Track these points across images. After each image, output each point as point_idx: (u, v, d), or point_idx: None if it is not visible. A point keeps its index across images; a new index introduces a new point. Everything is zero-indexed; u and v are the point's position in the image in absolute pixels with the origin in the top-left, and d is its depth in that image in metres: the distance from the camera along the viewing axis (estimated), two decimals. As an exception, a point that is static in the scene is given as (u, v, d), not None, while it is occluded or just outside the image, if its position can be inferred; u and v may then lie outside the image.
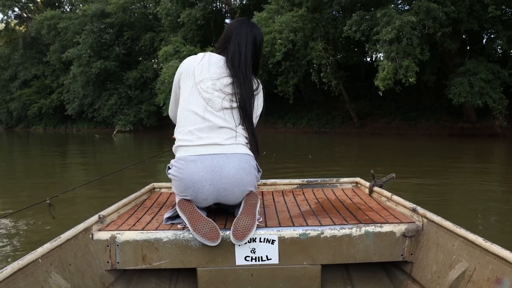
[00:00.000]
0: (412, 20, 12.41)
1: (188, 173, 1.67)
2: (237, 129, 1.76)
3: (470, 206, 4.19)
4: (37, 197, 3.04)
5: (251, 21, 1.91)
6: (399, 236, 1.67)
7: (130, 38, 26.29)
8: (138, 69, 25.92)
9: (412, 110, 18.67)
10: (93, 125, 30.49)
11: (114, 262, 1.64)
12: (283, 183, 2.62)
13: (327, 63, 16.75)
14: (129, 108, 26.07)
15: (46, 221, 3.75)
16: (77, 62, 25.87)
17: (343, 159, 8.66)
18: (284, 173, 6.57)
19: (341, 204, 2.11)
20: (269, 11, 16.89)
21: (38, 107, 32.19)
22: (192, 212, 1.65)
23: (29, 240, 3.31)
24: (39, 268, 1.33)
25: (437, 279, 1.51)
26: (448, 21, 13.48)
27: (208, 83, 1.73)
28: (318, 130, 20.57)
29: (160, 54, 20.59)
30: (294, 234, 1.63)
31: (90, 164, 9.32)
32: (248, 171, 1.73)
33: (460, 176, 6.22)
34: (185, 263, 1.62)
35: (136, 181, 5.92)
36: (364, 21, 14.03)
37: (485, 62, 14.55)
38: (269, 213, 1.94)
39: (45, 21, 28.30)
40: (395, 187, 4.37)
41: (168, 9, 21.54)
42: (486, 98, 13.66)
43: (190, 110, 1.73)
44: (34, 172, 7.69)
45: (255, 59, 1.86)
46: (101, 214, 1.78)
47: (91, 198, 4.95)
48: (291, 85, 18.64)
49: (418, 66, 13.41)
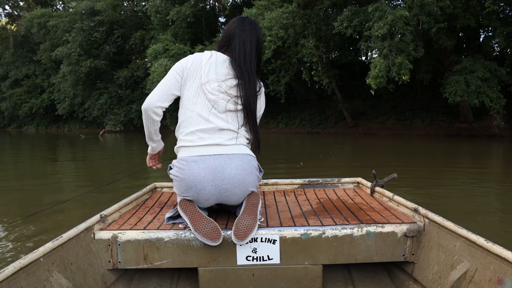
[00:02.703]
0: (405, 14, 11.84)
1: (190, 173, 1.67)
2: (239, 131, 1.77)
3: (469, 208, 4.03)
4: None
5: (252, 19, 1.89)
6: (400, 236, 1.66)
7: (121, 37, 25.72)
8: (129, 68, 25.36)
9: (407, 110, 18.22)
10: (85, 125, 30.10)
11: (115, 261, 1.64)
12: (285, 183, 2.61)
13: (318, 61, 16.18)
14: (119, 108, 25.60)
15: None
16: (66, 61, 25.34)
17: (337, 162, 8.15)
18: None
19: (342, 204, 2.10)
20: (259, 7, 16.35)
21: (28, 106, 31.78)
22: (193, 212, 1.65)
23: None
24: (40, 267, 1.33)
25: (438, 280, 1.51)
26: (443, 17, 12.98)
27: (214, 84, 1.72)
28: (311, 130, 20.20)
29: (148, 53, 20.04)
30: (296, 234, 1.63)
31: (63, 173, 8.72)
32: (249, 172, 1.73)
33: (457, 177, 5.96)
34: (186, 263, 1.62)
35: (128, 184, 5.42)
36: (356, 16, 13.46)
37: (482, 60, 14.10)
38: (270, 213, 1.94)
39: (35, 19, 27.74)
40: (393, 190, 4.18)
41: (157, 6, 20.99)
42: (483, 97, 13.24)
43: (194, 111, 1.73)
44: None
45: (258, 58, 1.85)
46: (103, 214, 1.78)
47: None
48: (283, 84, 18.21)
49: (412, 64, 12.91)
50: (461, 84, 13.26)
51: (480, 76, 13.22)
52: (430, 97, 17.76)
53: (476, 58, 14.06)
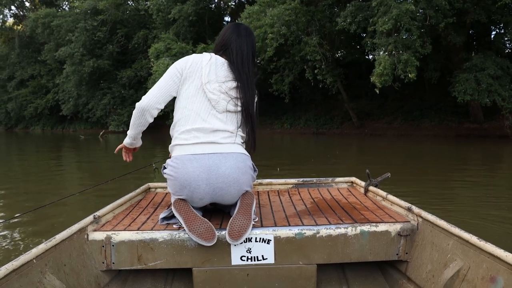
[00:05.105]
0: (411, 9, 11.29)
1: (184, 172, 1.66)
2: (236, 131, 1.77)
3: (481, 213, 3.80)
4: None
5: (247, 26, 1.94)
6: (394, 235, 1.66)
7: (124, 36, 25.44)
8: (133, 67, 25.05)
9: (415, 110, 17.62)
10: (90, 125, 29.88)
11: (109, 262, 1.63)
12: (279, 183, 2.60)
13: (322, 59, 15.66)
14: (122, 108, 25.31)
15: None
16: (69, 60, 25.17)
17: (342, 164, 7.73)
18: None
19: (336, 204, 2.10)
20: (261, 4, 15.91)
21: (34, 107, 31.71)
22: (187, 212, 1.65)
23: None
24: (33, 268, 1.32)
25: (432, 278, 1.51)
26: (452, 11, 12.40)
27: (215, 85, 1.73)
28: (317, 130, 19.74)
29: (150, 52, 19.73)
30: (290, 233, 1.63)
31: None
32: (244, 171, 1.73)
33: (467, 181, 5.69)
34: (180, 263, 1.62)
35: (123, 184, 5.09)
36: (360, 11, 12.93)
37: (494, 57, 13.54)
38: (264, 213, 1.93)
39: (40, 19, 27.61)
40: (400, 194, 4.07)
41: (160, 4, 20.68)
42: (495, 96, 12.74)
43: (192, 110, 1.72)
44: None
45: (253, 64, 1.87)
46: (96, 215, 1.77)
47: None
48: (287, 83, 17.78)
49: (419, 61, 12.38)
50: (471, 82, 12.74)
51: (491, 74, 12.71)
52: (439, 96, 17.12)
53: (487, 55, 13.50)
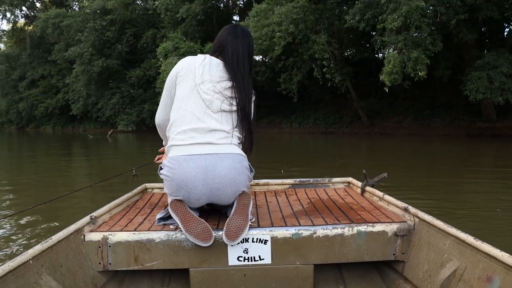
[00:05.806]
0: (421, 5, 11.05)
1: (181, 173, 1.66)
2: (232, 131, 1.76)
3: (495, 218, 3.66)
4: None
5: (244, 27, 1.93)
6: (391, 235, 1.66)
7: (133, 36, 25.50)
8: (142, 67, 25.10)
9: (425, 109, 17.33)
10: (99, 125, 30.07)
11: (106, 263, 1.62)
12: (276, 183, 2.60)
13: (330, 58, 15.47)
14: (131, 108, 25.37)
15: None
16: (79, 60, 25.34)
17: (350, 166, 7.58)
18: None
19: (333, 204, 2.11)
20: (269, 2, 15.78)
21: (44, 107, 32.10)
22: (184, 213, 1.64)
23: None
24: (30, 269, 1.31)
25: (428, 278, 1.51)
26: (464, 8, 12.13)
27: (209, 85, 1.74)
28: (325, 130, 19.61)
29: (158, 51, 19.72)
30: (287, 234, 1.62)
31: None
32: (240, 171, 1.72)
33: (480, 182, 5.50)
34: (177, 264, 1.61)
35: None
36: (369, 9, 12.71)
37: (507, 54, 13.23)
38: (261, 213, 1.93)
39: (50, 19, 27.88)
40: (408, 197, 4.21)
41: (168, 3, 20.66)
42: (508, 95, 12.48)
43: (188, 110, 1.73)
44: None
45: (250, 64, 1.87)
46: (93, 215, 1.76)
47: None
48: (295, 82, 17.64)
49: (429, 59, 12.12)
50: (484, 80, 12.47)
51: (504, 72, 12.43)
52: (450, 94, 16.83)
53: (499, 53, 13.21)
